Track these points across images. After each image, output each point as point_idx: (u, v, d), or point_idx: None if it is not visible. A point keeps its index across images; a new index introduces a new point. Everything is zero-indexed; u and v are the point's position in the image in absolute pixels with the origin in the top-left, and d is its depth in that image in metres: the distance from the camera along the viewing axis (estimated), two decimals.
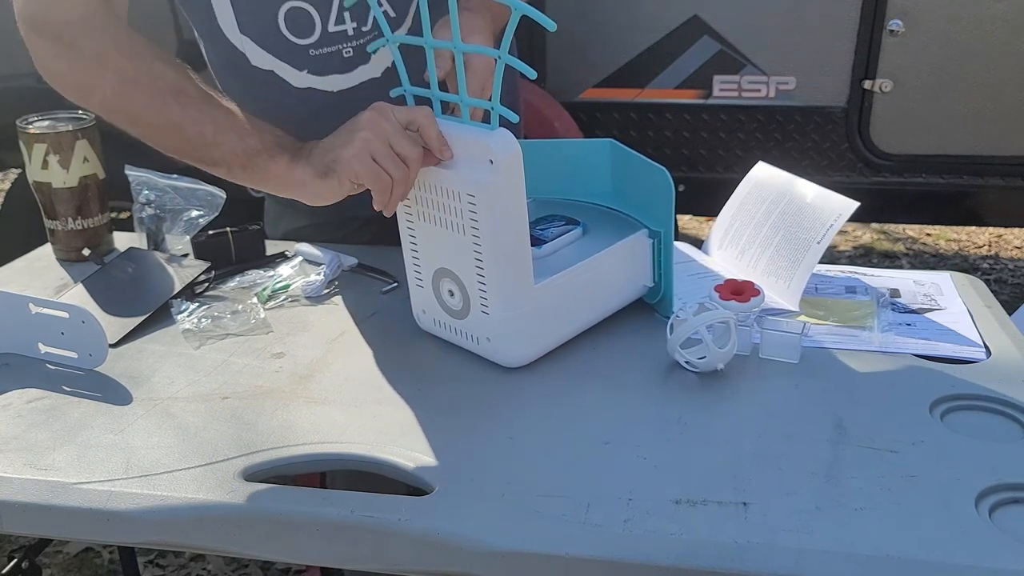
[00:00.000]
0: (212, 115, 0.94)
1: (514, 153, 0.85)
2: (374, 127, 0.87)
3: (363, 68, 1.12)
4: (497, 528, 0.71)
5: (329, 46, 1.10)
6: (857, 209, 1.06)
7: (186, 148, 0.96)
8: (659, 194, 0.98)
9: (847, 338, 1.00)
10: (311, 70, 1.11)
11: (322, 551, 0.74)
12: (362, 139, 0.87)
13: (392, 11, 1.09)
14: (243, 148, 0.93)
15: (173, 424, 0.86)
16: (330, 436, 0.84)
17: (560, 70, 2.38)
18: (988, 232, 3.79)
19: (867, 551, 0.67)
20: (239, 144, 0.93)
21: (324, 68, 1.11)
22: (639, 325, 1.02)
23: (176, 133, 0.95)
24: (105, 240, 1.27)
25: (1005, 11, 2.18)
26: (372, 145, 0.87)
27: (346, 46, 1.10)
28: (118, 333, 1.03)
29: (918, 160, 2.35)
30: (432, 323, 1.00)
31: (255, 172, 0.94)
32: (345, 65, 1.11)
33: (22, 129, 1.20)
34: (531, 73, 0.84)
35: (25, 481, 0.78)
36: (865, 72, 2.26)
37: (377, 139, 0.87)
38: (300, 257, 1.23)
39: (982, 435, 0.83)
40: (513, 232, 0.88)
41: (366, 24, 1.09)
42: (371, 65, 1.12)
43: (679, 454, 0.80)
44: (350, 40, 1.10)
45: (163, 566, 2.01)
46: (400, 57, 0.91)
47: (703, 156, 2.43)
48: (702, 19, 2.29)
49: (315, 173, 0.90)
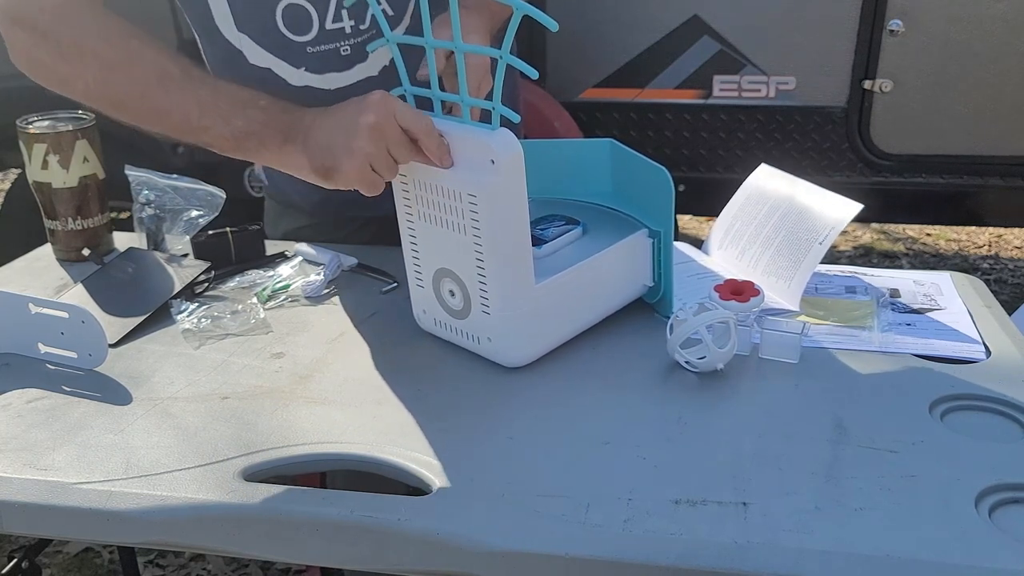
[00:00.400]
0: (197, 96, 0.93)
1: (515, 153, 0.85)
2: (377, 136, 0.86)
3: (361, 66, 1.12)
4: (497, 528, 0.71)
5: (327, 43, 1.09)
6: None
7: (174, 132, 0.95)
8: (659, 194, 0.98)
9: (847, 338, 1.00)
10: (309, 68, 1.11)
11: (322, 551, 0.74)
12: (364, 153, 0.86)
13: (390, 9, 1.09)
14: (230, 131, 0.92)
15: (173, 424, 0.86)
16: (330, 436, 0.84)
17: (560, 70, 2.38)
18: (988, 232, 3.79)
19: (867, 551, 0.67)
20: (225, 128, 0.92)
21: (322, 66, 1.11)
22: (639, 325, 1.02)
23: (162, 118, 0.94)
24: (105, 240, 1.27)
25: (1005, 11, 2.18)
26: (373, 158, 0.87)
27: (344, 44, 1.10)
28: (118, 333, 1.03)
29: (918, 160, 2.35)
30: (432, 323, 1.00)
31: (247, 154, 0.94)
32: (343, 63, 1.11)
33: (22, 129, 1.20)
34: (532, 73, 0.84)
35: (25, 481, 0.78)
36: (865, 72, 2.26)
37: (378, 152, 0.87)
38: (300, 257, 1.23)
39: (982, 435, 0.83)
40: (514, 232, 0.88)
41: (364, 22, 1.09)
42: (369, 63, 1.12)
43: (679, 454, 0.80)
44: (348, 38, 1.10)
45: (163, 566, 2.01)
46: (400, 57, 0.91)
47: (703, 156, 2.42)
48: (702, 19, 2.29)
49: (312, 168, 0.90)
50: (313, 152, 0.90)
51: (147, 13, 2.06)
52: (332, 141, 0.89)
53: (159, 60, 0.94)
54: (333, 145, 0.89)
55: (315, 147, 0.90)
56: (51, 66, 0.97)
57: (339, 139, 0.88)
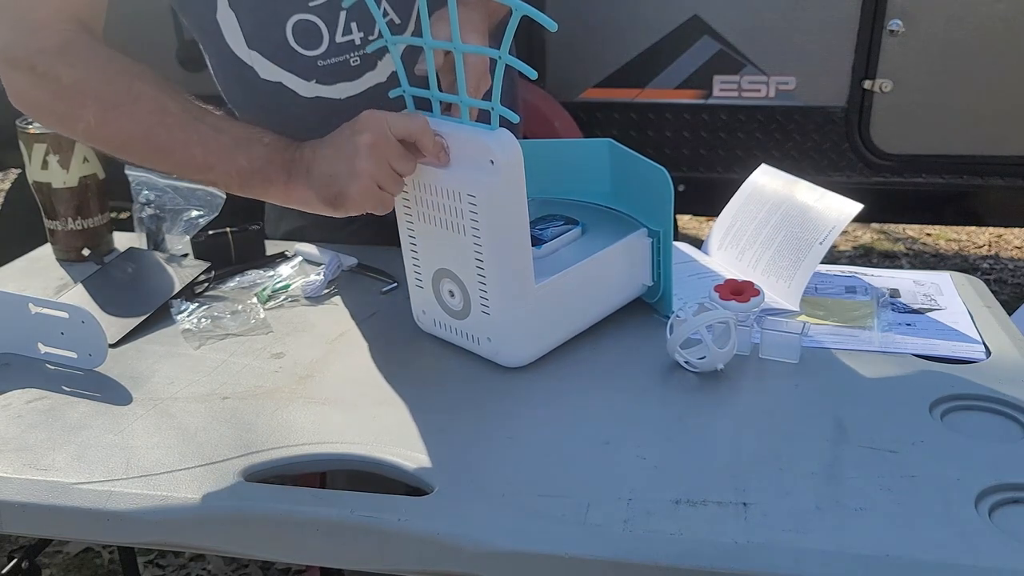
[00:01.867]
0: (199, 134, 0.92)
1: (515, 153, 0.85)
2: (377, 154, 0.86)
3: (370, 74, 1.12)
4: (497, 528, 0.71)
5: (337, 56, 1.09)
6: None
7: (179, 171, 0.95)
8: (658, 193, 0.98)
9: (847, 338, 1.00)
10: (319, 80, 1.11)
11: (322, 551, 0.74)
12: (368, 173, 0.86)
13: (397, 18, 1.09)
14: (236, 169, 0.92)
15: (173, 424, 0.86)
16: (330, 436, 0.84)
17: (560, 70, 2.38)
18: (988, 232, 3.79)
19: (867, 551, 0.67)
20: (231, 166, 0.92)
21: (332, 77, 1.11)
22: (639, 325, 1.02)
23: (166, 158, 0.94)
24: (105, 240, 1.27)
25: (1005, 11, 2.18)
26: (378, 176, 0.87)
27: (354, 55, 1.10)
28: (118, 333, 1.03)
29: (918, 160, 2.34)
30: (432, 324, 1.00)
31: (253, 191, 0.93)
32: (353, 73, 1.11)
33: (22, 129, 1.20)
34: (531, 73, 0.84)
35: (25, 481, 0.78)
36: (865, 72, 2.26)
37: (380, 169, 0.86)
38: (300, 257, 1.23)
39: (982, 435, 0.83)
40: (514, 232, 0.88)
41: (373, 32, 1.09)
42: (378, 71, 1.12)
43: (679, 454, 0.80)
44: (357, 49, 1.09)
45: (163, 566, 2.01)
46: (399, 59, 0.91)
47: (703, 156, 2.42)
48: (702, 19, 2.29)
49: (319, 199, 0.90)
50: (318, 184, 0.89)
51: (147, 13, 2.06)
52: (335, 169, 0.88)
53: (160, 97, 0.92)
54: (336, 173, 0.88)
55: (319, 178, 0.89)
56: (51, 106, 0.96)
57: (341, 166, 0.88)
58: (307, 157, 0.91)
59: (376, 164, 0.86)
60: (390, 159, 0.87)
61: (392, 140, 0.86)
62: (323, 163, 0.89)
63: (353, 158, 0.87)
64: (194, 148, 0.92)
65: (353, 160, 0.86)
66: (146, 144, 0.93)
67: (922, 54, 2.23)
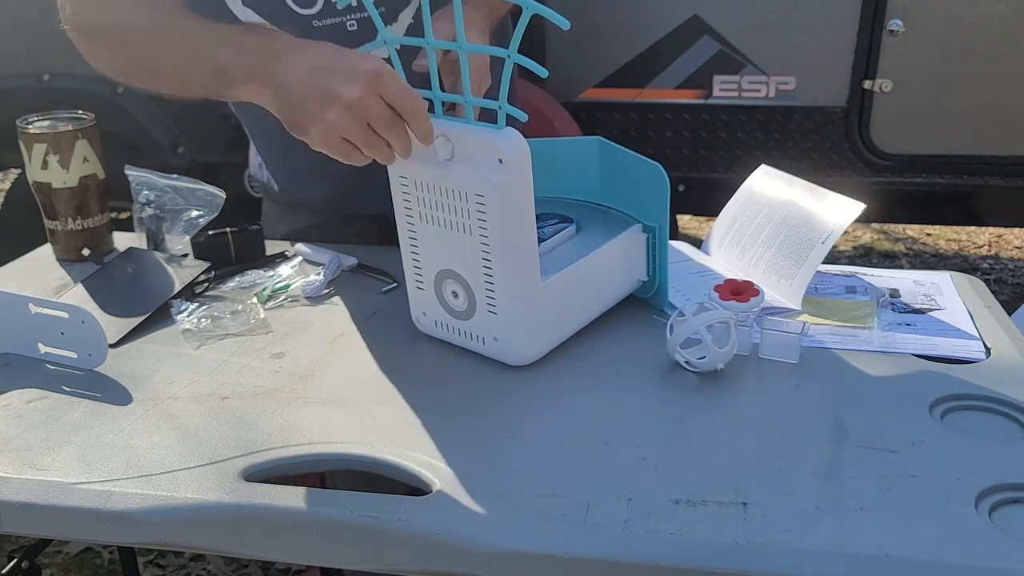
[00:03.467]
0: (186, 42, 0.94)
1: (523, 151, 0.85)
2: (355, 111, 0.82)
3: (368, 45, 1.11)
4: (497, 528, 0.71)
5: (333, 17, 1.08)
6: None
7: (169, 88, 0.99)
8: (654, 189, 0.99)
9: (847, 338, 1.00)
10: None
11: (322, 551, 0.74)
12: (335, 126, 0.82)
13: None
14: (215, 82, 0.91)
15: (173, 424, 0.86)
16: (330, 436, 0.84)
17: (560, 70, 2.37)
18: (988, 232, 3.79)
19: (867, 551, 0.67)
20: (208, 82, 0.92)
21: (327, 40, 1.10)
22: (639, 325, 1.02)
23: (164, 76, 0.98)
24: (105, 240, 1.27)
25: (1005, 11, 2.18)
26: (345, 131, 0.83)
27: (350, 18, 1.09)
28: (118, 333, 1.03)
29: (918, 160, 2.34)
30: (433, 325, 1.00)
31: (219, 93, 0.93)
32: (349, 40, 1.10)
33: (22, 129, 1.20)
34: (542, 72, 0.84)
35: (25, 481, 0.78)
36: (865, 72, 2.26)
37: (352, 125, 0.82)
38: (300, 257, 1.23)
39: (982, 435, 0.83)
40: (522, 230, 0.88)
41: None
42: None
43: (679, 454, 0.80)
44: (355, 11, 1.09)
45: (163, 566, 2.01)
46: (397, 57, 0.91)
47: (703, 156, 2.42)
48: (702, 19, 2.29)
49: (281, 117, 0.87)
50: (283, 103, 0.86)
51: None
52: (303, 103, 0.84)
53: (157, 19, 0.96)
54: (304, 107, 0.83)
55: (286, 99, 0.85)
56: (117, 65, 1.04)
57: (310, 104, 0.83)
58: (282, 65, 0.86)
59: (347, 121, 0.82)
60: (370, 119, 0.82)
61: (380, 104, 0.82)
62: (295, 87, 0.84)
63: (327, 105, 0.82)
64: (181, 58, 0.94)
65: (327, 107, 0.82)
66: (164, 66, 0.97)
67: (922, 54, 2.23)
